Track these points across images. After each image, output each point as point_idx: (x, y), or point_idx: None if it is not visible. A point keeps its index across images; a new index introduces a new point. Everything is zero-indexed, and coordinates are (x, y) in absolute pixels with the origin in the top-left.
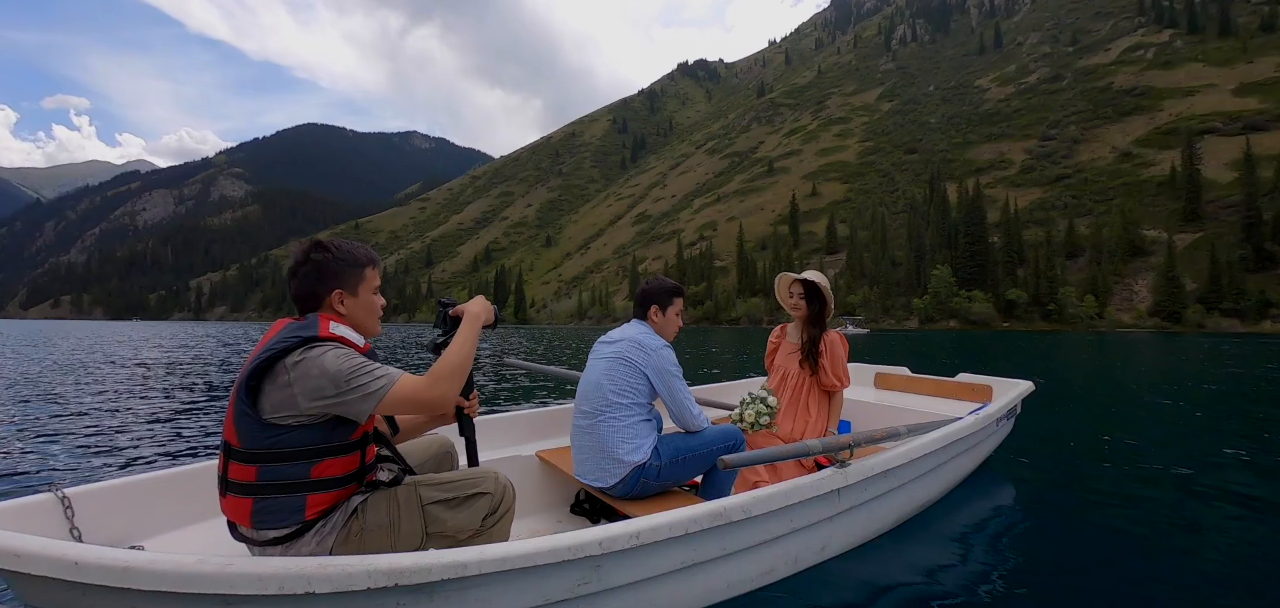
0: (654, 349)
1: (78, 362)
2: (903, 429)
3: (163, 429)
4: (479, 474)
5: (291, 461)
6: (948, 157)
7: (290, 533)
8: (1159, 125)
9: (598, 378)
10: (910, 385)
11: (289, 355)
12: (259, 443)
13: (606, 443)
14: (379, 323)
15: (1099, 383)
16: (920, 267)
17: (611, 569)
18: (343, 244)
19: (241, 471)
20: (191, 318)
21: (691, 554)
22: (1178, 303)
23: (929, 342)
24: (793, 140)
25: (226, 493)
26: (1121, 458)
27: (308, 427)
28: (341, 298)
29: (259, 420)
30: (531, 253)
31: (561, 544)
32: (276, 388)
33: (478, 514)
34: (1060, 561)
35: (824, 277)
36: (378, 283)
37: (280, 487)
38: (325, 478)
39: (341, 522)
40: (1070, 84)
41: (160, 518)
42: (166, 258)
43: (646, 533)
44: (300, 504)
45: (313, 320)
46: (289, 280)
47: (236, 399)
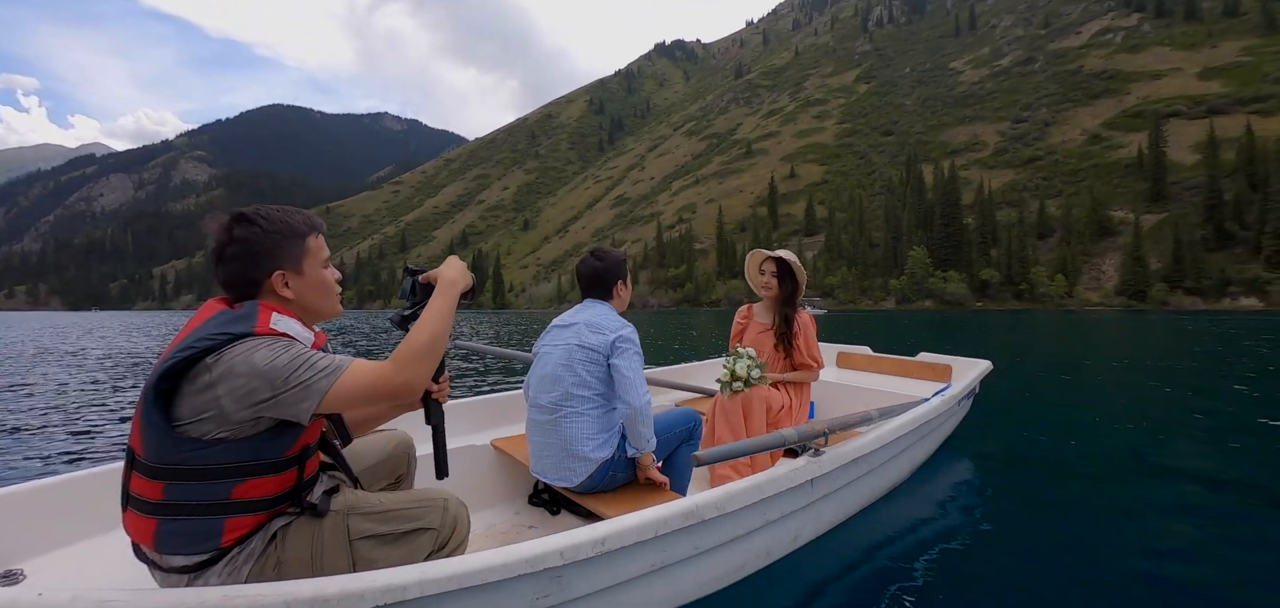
0: (617, 328)
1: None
2: (875, 413)
3: (60, 432)
4: (423, 503)
5: (208, 479)
6: (923, 138)
7: (200, 562)
8: (1127, 108)
9: (556, 368)
10: (872, 365)
11: (211, 354)
12: (168, 457)
13: (570, 440)
14: (337, 300)
15: (1064, 361)
16: (897, 247)
17: (574, 579)
18: (273, 212)
19: (145, 486)
20: (157, 307)
21: (662, 556)
22: (1143, 282)
23: (896, 322)
24: (771, 122)
25: (128, 507)
26: (1082, 433)
27: (233, 442)
28: (285, 279)
29: (170, 431)
30: (509, 237)
31: (518, 557)
32: (195, 391)
33: (418, 553)
34: (1019, 532)
35: (794, 256)
36: (326, 253)
37: (192, 508)
38: (249, 499)
39: (259, 549)
40: (1042, 67)
41: (44, 536)
42: (127, 245)
43: (613, 538)
44: (216, 529)
45: (250, 310)
46: (215, 267)
47: (144, 404)
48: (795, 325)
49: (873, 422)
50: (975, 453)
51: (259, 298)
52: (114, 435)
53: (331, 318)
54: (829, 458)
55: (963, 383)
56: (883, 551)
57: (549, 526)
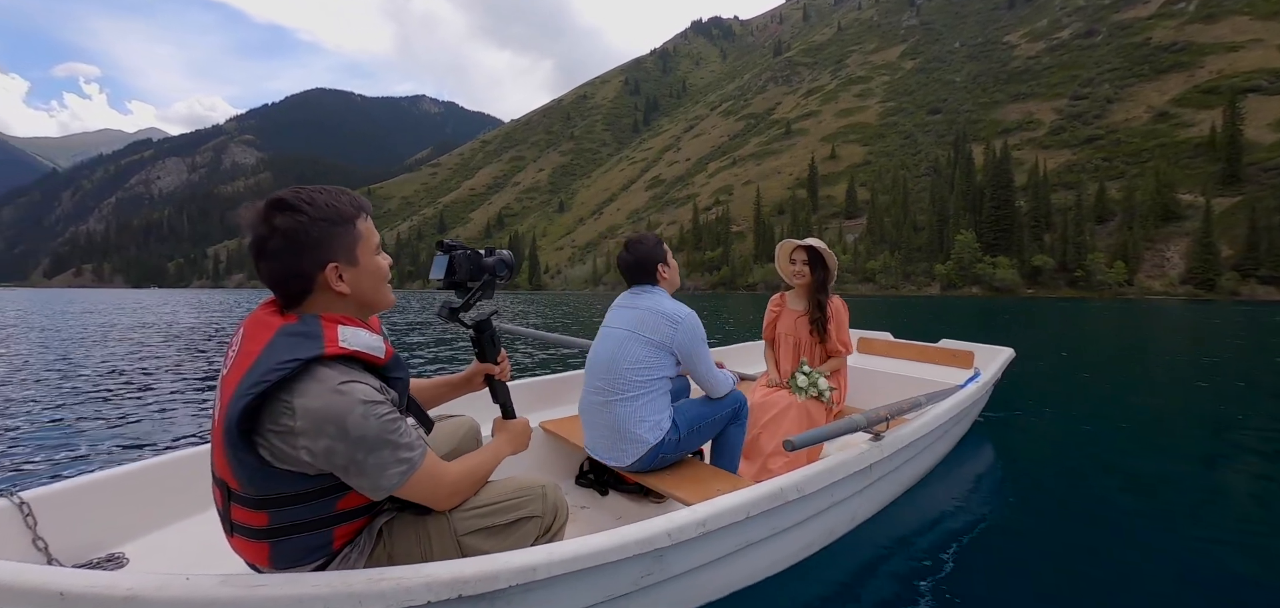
0: (683, 321)
1: (60, 335)
2: (923, 398)
3: (141, 415)
4: (524, 493)
5: (311, 500)
6: (973, 117)
7: (317, 567)
8: (1198, 83)
9: (613, 353)
10: (893, 350)
11: (293, 386)
12: (266, 490)
13: (623, 423)
14: (390, 289)
15: (1120, 352)
16: (943, 231)
17: (673, 558)
18: (317, 196)
19: (248, 515)
20: (210, 285)
21: (745, 536)
22: (1212, 270)
23: (939, 309)
24: (811, 101)
25: (233, 534)
26: (1115, 422)
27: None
28: (339, 273)
29: (261, 466)
30: (544, 218)
31: (630, 538)
32: (278, 433)
33: (524, 541)
34: (1044, 513)
35: (824, 243)
36: (377, 237)
37: (300, 527)
38: (354, 507)
39: (369, 547)
40: (1105, 39)
41: (136, 520)
42: (183, 226)
43: (712, 520)
44: (326, 539)
45: (313, 327)
46: (257, 262)
47: (228, 441)
48: (829, 311)
49: (921, 407)
50: (998, 440)
51: (312, 294)
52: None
53: (386, 308)
54: (888, 442)
55: (991, 370)
56: (928, 531)
57: (599, 505)
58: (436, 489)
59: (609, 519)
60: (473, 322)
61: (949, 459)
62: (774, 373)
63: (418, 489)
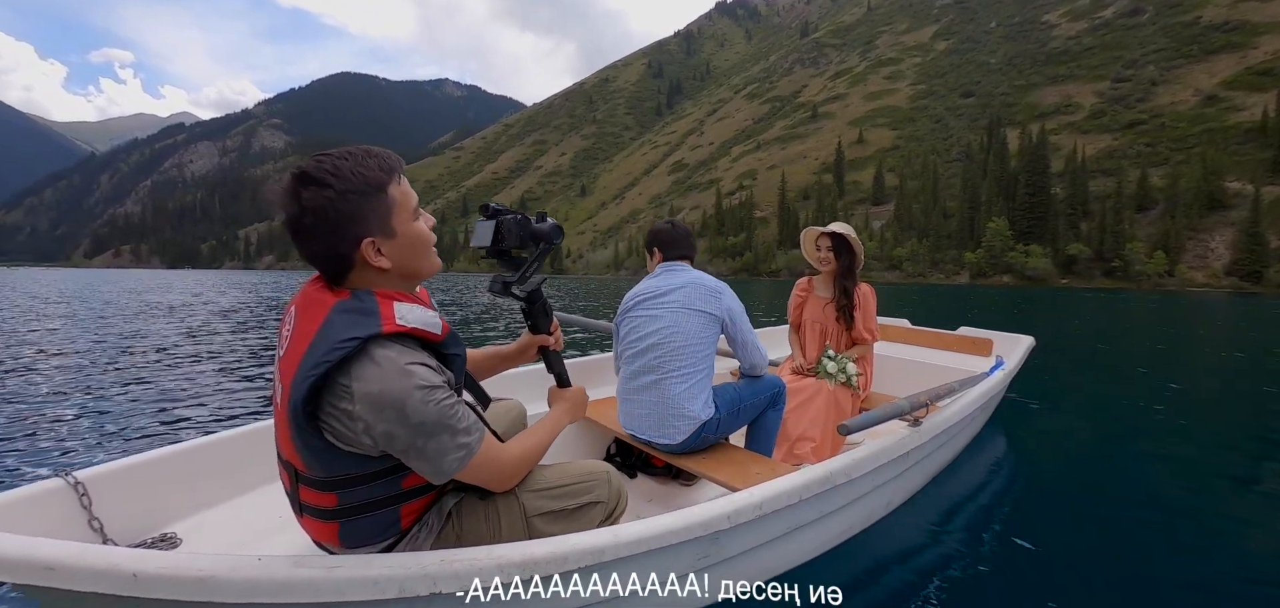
0: (725, 290)
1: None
2: (956, 385)
3: (185, 393)
4: (590, 477)
5: (379, 480)
6: (1008, 100)
7: (386, 547)
8: (1252, 65)
9: (666, 328)
10: (911, 338)
11: (349, 368)
12: (334, 471)
13: (676, 401)
14: (435, 253)
15: (1154, 344)
16: (974, 218)
17: (729, 540)
18: (342, 164)
19: (317, 496)
20: (242, 267)
21: (796, 519)
22: (1260, 262)
23: (967, 298)
24: (838, 83)
25: (303, 514)
26: (1141, 418)
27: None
28: (376, 246)
29: (327, 448)
30: (566, 203)
31: (693, 520)
32: (339, 415)
33: (590, 525)
34: (1067, 499)
35: (851, 228)
36: (413, 198)
37: (369, 506)
38: (421, 485)
39: (437, 526)
40: (1151, 18)
41: (187, 500)
42: (215, 208)
43: (769, 502)
44: (394, 517)
45: (368, 302)
46: (296, 242)
47: (293, 424)
48: (856, 298)
49: (955, 393)
50: (1018, 429)
51: (353, 270)
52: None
53: (431, 275)
54: (926, 428)
55: (1014, 358)
56: (956, 515)
57: (630, 488)
58: (496, 472)
59: (640, 502)
60: (525, 293)
61: (970, 447)
62: (800, 358)
63: (477, 472)
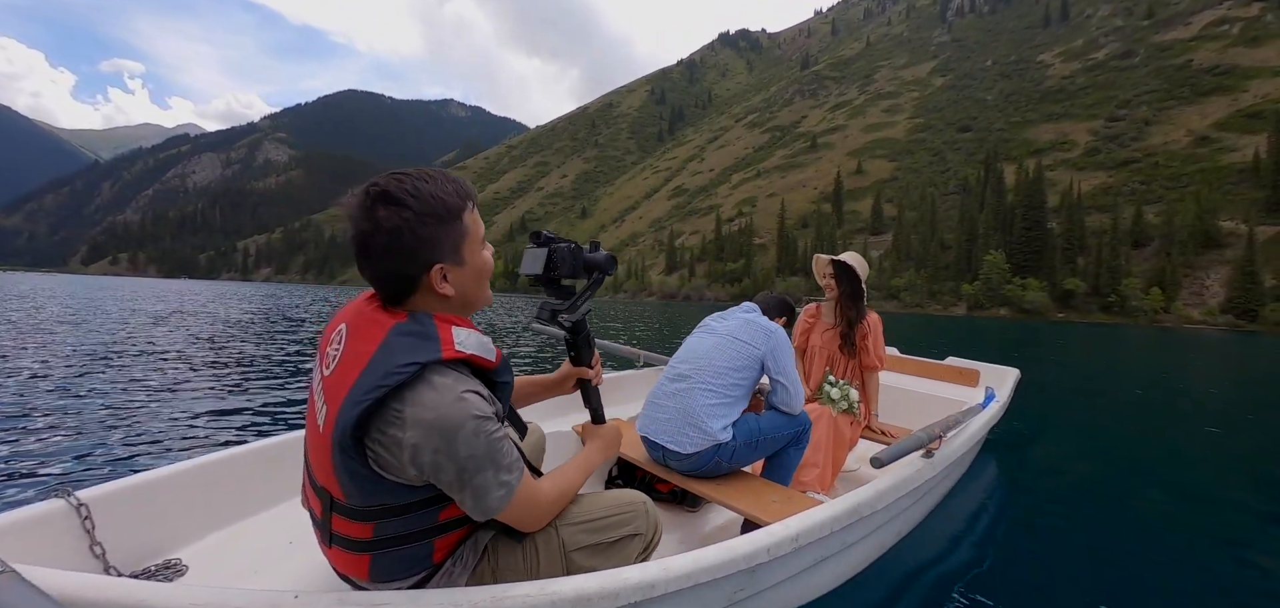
0: (777, 331)
1: (109, 321)
2: (960, 416)
3: (183, 408)
4: (627, 509)
5: (416, 511)
6: (1005, 136)
7: (417, 582)
8: (1242, 107)
9: (710, 347)
10: (900, 366)
11: (404, 393)
12: (374, 500)
13: (696, 409)
14: (489, 285)
15: (1147, 379)
16: (971, 251)
17: (763, 573)
18: (422, 187)
19: (352, 527)
20: (239, 279)
21: (822, 550)
22: (1254, 300)
23: (964, 330)
24: (838, 115)
25: (332, 545)
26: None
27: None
28: (444, 274)
29: (371, 476)
30: (567, 224)
31: (736, 554)
32: (386, 442)
33: (629, 558)
34: (1061, 521)
35: (861, 259)
36: (482, 228)
37: (404, 538)
38: (457, 517)
39: (472, 561)
40: (1144, 61)
41: (191, 523)
42: (215, 219)
43: (804, 536)
44: (427, 550)
45: (427, 326)
46: (361, 261)
47: (338, 448)
48: (864, 327)
49: (959, 425)
50: (1008, 458)
51: (414, 295)
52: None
53: (486, 307)
54: (939, 458)
55: (1005, 389)
56: (962, 541)
57: None
58: (531, 512)
59: None
60: (571, 322)
61: (964, 477)
62: (803, 384)
63: (513, 513)
